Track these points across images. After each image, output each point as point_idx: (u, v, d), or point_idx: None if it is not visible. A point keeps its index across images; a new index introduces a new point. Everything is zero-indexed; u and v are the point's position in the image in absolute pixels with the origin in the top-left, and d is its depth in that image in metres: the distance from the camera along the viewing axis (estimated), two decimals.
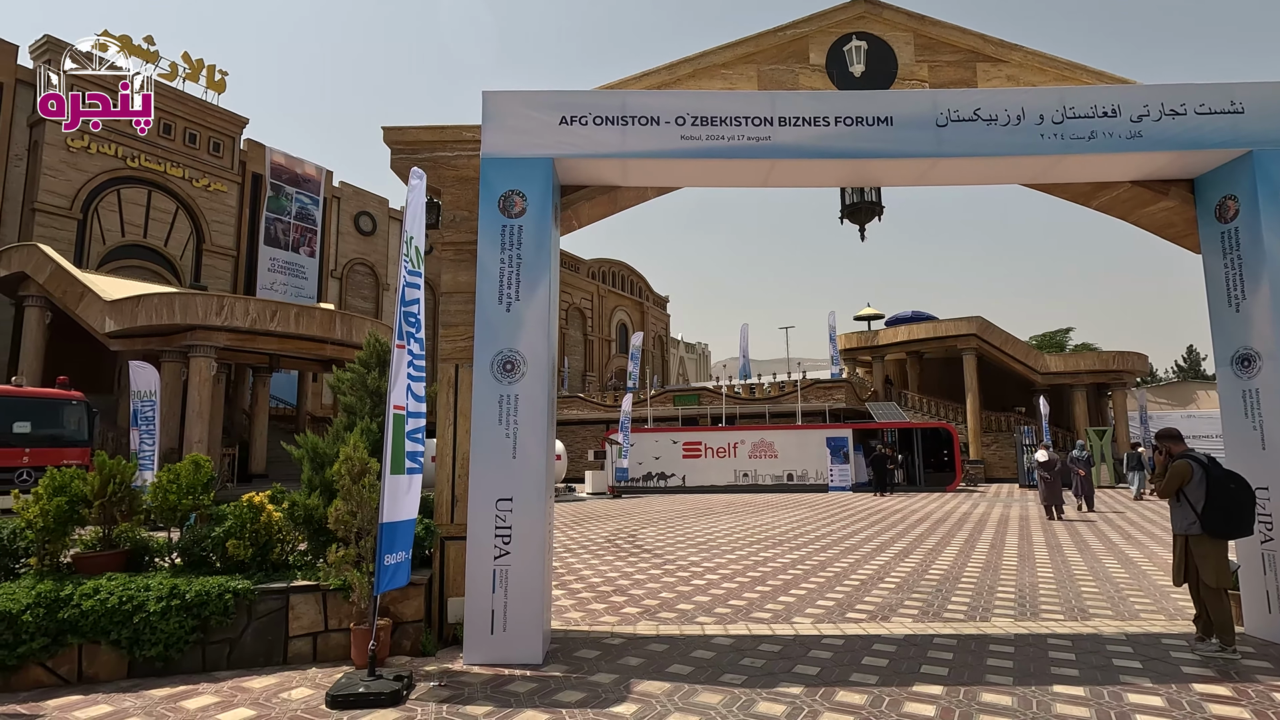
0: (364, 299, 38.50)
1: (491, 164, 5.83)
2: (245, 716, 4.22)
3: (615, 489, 24.39)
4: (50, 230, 25.28)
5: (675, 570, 9.19)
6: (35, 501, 5.18)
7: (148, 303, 19.36)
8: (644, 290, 60.03)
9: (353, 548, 5.17)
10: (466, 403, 6.06)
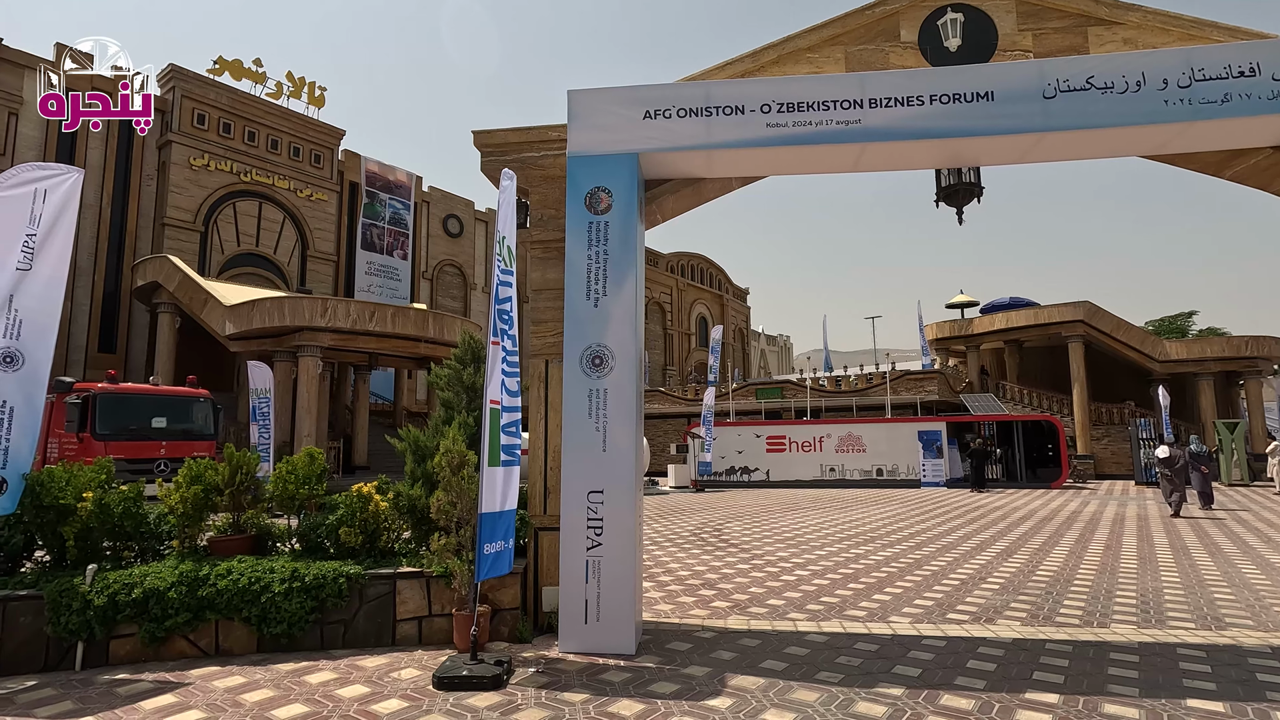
0: (453, 298, 40.05)
1: (577, 162, 5.92)
2: (361, 693, 4.49)
3: (698, 483, 24.35)
4: (177, 242, 27.66)
5: (763, 565, 9.09)
6: (176, 490, 5.70)
7: (261, 306, 20.87)
8: (723, 283, 59.51)
9: (453, 536, 5.39)
10: (557, 397, 6.20)
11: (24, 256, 5.35)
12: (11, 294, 5.24)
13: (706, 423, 23.92)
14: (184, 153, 28.31)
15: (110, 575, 5.14)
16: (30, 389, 5.33)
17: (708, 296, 56.97)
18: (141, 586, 5.08)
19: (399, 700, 4.36)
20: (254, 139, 30.82)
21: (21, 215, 5.36)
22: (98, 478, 5.68)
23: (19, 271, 5.33)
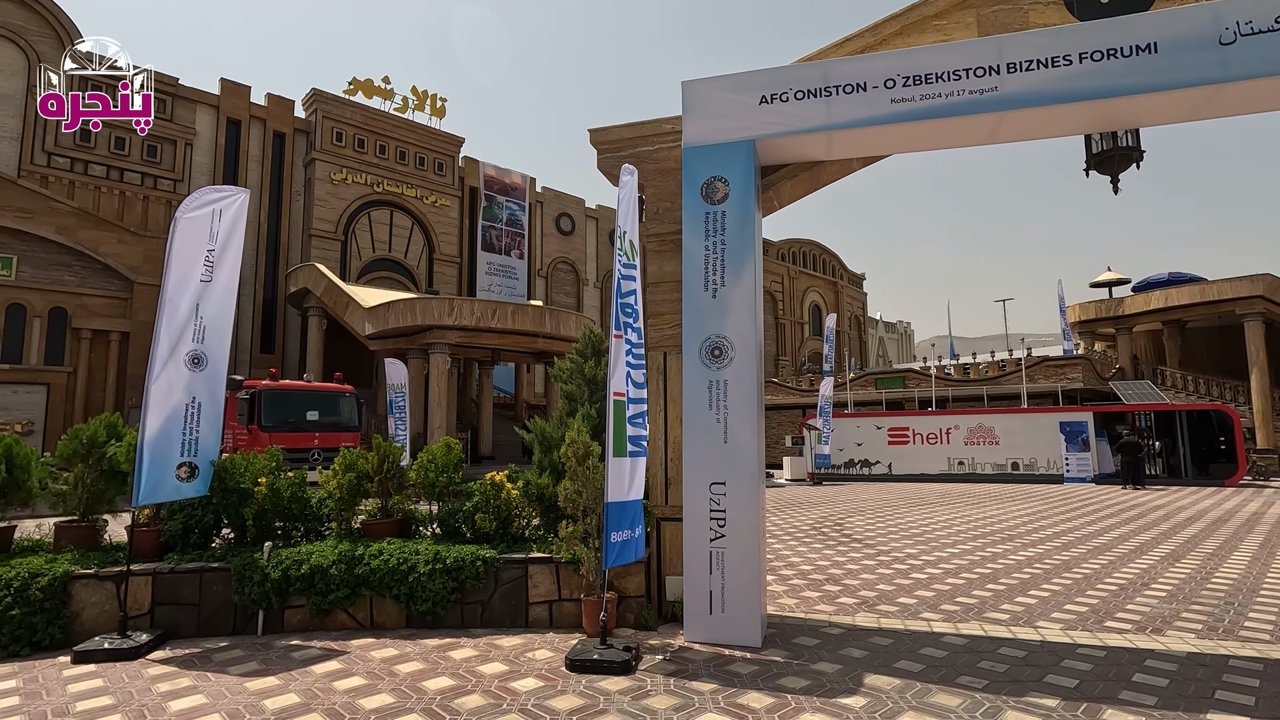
0: (566, 294, 41.27)
1: (693, 152, 5.90)
2: (500, 670, 4.75)
3: (815, 476, 23.73)
4: (322, 251, 30.31)
5: (890, 562, 8.71)
6: (333, 476, 6.27)
7: (395, 308, 22.48)
8: (837, 269, 57.45)
9: (580, 524, 5.57)
10: (675, 389, 6.24)
11: (206, 269, 6.06)
12: (197, 303, 5.95)
13: (824, 414, 23.24)
14: (325, 169, 30.94)
15: (283, 552, 5.74)
16: (214, 386, 6.03)
17: (821, 284, 55.21)
18: (308, 563, 5.63)
19: (535, 679, 4.57)
20: (384, 152, 33.15)
21: (203, 233, 6.07)
22: (269, 465, 6.35)
23: (202, 283, 6.03)
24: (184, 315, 5.85)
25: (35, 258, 22.33)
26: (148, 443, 5.57)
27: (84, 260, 23.17)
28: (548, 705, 4.13)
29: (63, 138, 24.85)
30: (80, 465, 6.13)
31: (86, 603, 5.48)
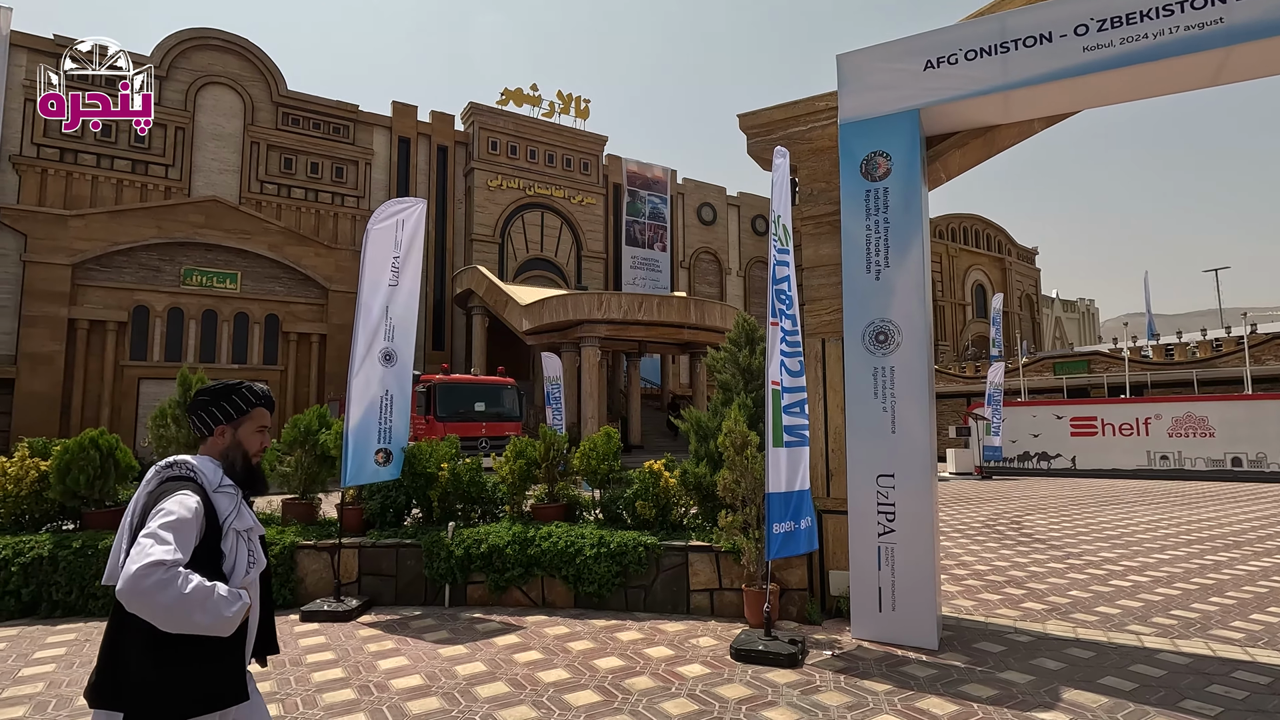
0: (709, 284, 41.21)
1: (850, 128, 5.62)
2: (666, 654, 4.85)
3: (983, 469, 21.93)
4: (482, 254, 32.56)
5: (1083, 566, 7.84)
6: (505, 463, 6.72)
7: (549, 304, 23.65)
8: (1004, 244, 52.47)
9: (739, 514, 5.53)
10: (835, 376, 6.01)
11: (393, 274, 6.70)
12: (387, 305, 6.60)
13: (993, 402, 21.39)
14: (483, 177, 33.16)
15: (464, 531, 6.25)
16: (402, 380, 6.67)
17: (985, 261, 50.73)
18: (486, 543, 6.08)
19: (701, 666, 4.61)
20: (534, 156, 34.91)
21: (389, 242, 6.72)
22: (450, 452, 6.93)
23: (390, 287, 6.68)
24: (376, 316, 6.52)
25: (253, 272, 25.99)
26: (351, 431, 6.29)
27: (290, 272, 26.60)
28: (716, 693, 4.15)
29: (271, 167, 28.64)
30: (299, 450, 7.06)
31: (309, 570, 6.30)
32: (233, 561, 1.99)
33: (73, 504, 6.65)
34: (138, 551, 1.74)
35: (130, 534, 1.91)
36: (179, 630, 1.76)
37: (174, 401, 6.90)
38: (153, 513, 1.87)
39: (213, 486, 2.04)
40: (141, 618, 1.74)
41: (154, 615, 1.72)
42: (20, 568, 5.98)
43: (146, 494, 1.99)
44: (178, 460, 2.07)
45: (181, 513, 1.85)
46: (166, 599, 1.70)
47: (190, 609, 1.72)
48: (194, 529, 1.87)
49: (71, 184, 24.62)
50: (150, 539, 1.77)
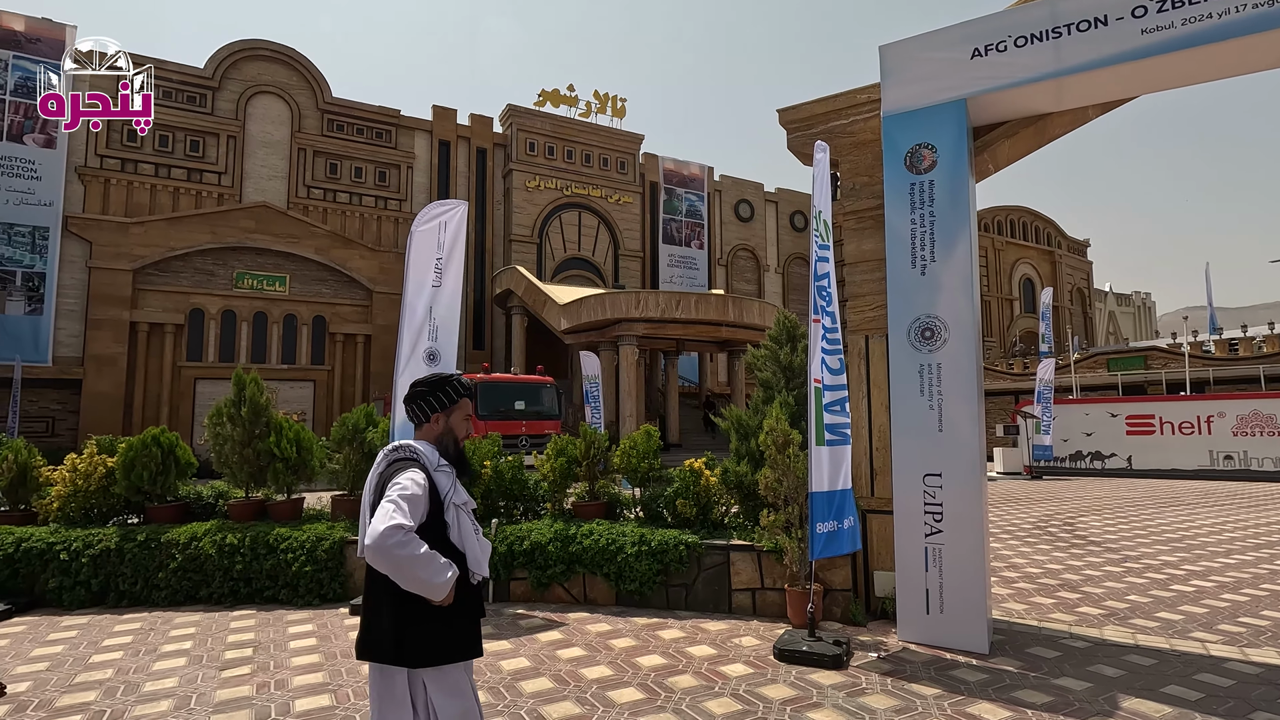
0: (747, 282, 40.90)
1: (894, 120, 5.51)
2: (708, 654, 4.83)
3: (1033, 469, 21.28)
4: (520, 254, 32.91)
5: (1141, 570, 7.54)
6: (546, 461, 6.78)
7: (587, 303, 23.77)
8: (1054, 236, 50.81)
9: (781, 513, 5.48)
10: (879, 374, 5.90)
11: (436, 275, 6.81)
12: (431, 305, 6.72)
13: (1043, 400, 20.73)
14: (521, 178, 33.51)
15: (507, 529, 6.33)
16: None
17: (1033, 254, 49.21)
18: (529, 539, 6.15)
19: (743, 666, 4.58)
20: (572, 156, 35.12)
21: (432, 243, 6.83)
22: (492, 450, 7.02)
23: (433, 288, 6.80)
24: (420, 317, 6.64)
25: (301, 274, 26.75)
26: (398, 429, 6.41)
27: (335, 275, 27.30)
28: (759, 693, 4.12)
29: (317, 172, 29.43)
30: (348, 448, 7.25)
31: (358, 565, 6.46)
32: (458, 531, 2.32)
33: (137, 499, 6.95)
34: (381, 514, 2.09)
35: (371, 508, 2.29)
36: (406, 585, 2.11)
37: (229, 401, 7.15)
38: (389, 485, 2.21)
39: (433, 466, 2.35)
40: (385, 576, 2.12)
41: (390, 569, 2.08)
42: (90, 559, 6.28)
43: (378, 474, 2.36)
44: (402, 444, 2.42)
45: (413, 488, 2.19)
46: (403, 555, 2.05)
47: (417, 567, 2.07)
48: (423, 502, 2.21)
49: (132, 192, 25.71)
50: (391, 505, 2.11)
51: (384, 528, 2.04)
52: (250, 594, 6.33)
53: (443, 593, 2.14)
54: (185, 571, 6.32)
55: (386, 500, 2.13)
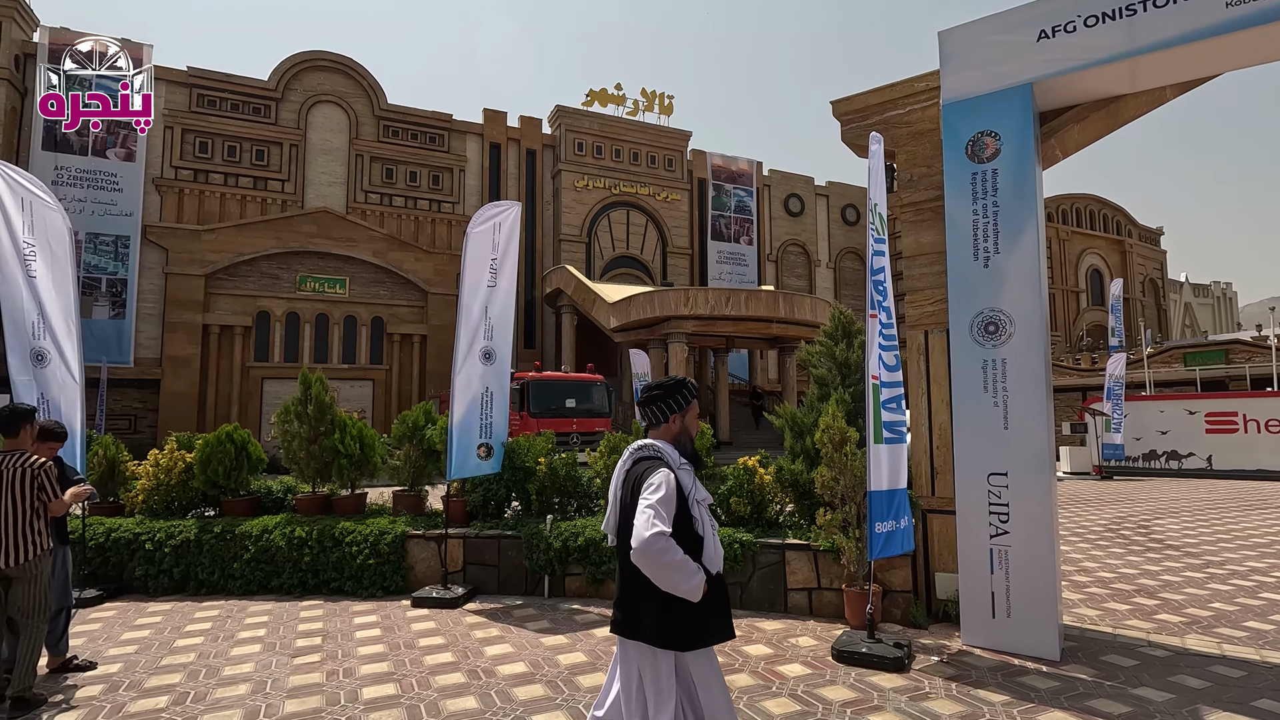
0: (798, 277, 40.30)
1: (954, 109, 5.34)
2: (765, 653, 4.79)
3: (1102, 469, 20.33)
4: (570, 253, 33.22)
5: (1226, 576, 7.12)
6: (600, 458, 6.83)
7: (636, 301, 23.84)
8: (1123, 225, 48.39)
9: (838, 512, 5.38)
10: (940, 370, 5.73)
11: (491, 276, 6.95)
12: (486, 305, 6.85)
13: (1113, 396, 19.79)
14: (570, 178, 33.81)
15: (561, 525, 6.41)
16: (502, 378, 6.91)
17: (1101, 244, 46.98)
18: (583, 536, 6.21)
19: (801, 666, 4.52)
20: (619, 155, 35.24)
21: (487, 244, 6.96)
22: (546, 447, 7.12)
23: (489, 288, 6.93)
24: (476, 316, 6.78)
25: (360, 277, 27.64)
26: (455, 426, 6.57)
27: (393, 277, 28.11)
28: (818, 694, 4.06)
29: (374, 177, 30.34)
30: (407, 445, 7.45)
31: (418, 558, 6.65)
32: (702, 524, 2.48)
33: (213, 492, 7.31)
34: (647, 521, 2.28)
35: (619, 503, 2.56)
36: (665, 587, 2.31)
37: (296, 399, 7.44)
38: (644, 487, 2.39)
39: (675, 464, 2.51)
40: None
41: (653, 572, 2.29)
42: (171, 549, 6.64)
43: (625, 471, 2.59)
44: (646, 443, 2.60)
45: (667, 490, 2.37)
46: (664, 561, 2.25)
47: (674, 572, 2.27)
48: (674, 502, 2.39)
49: (204, 201, 27.00)
50: (651, 511, 2.30)
51: (649, 535, 2.25)
52: (317, 585, 6.58)
53: (697, 594, 2.33)
54: (258, 562, 6.61)
55: (646, 505, 2.33)
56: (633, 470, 2.54)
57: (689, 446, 2.64)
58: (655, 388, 2.70)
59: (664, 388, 2.68)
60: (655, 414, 2.66)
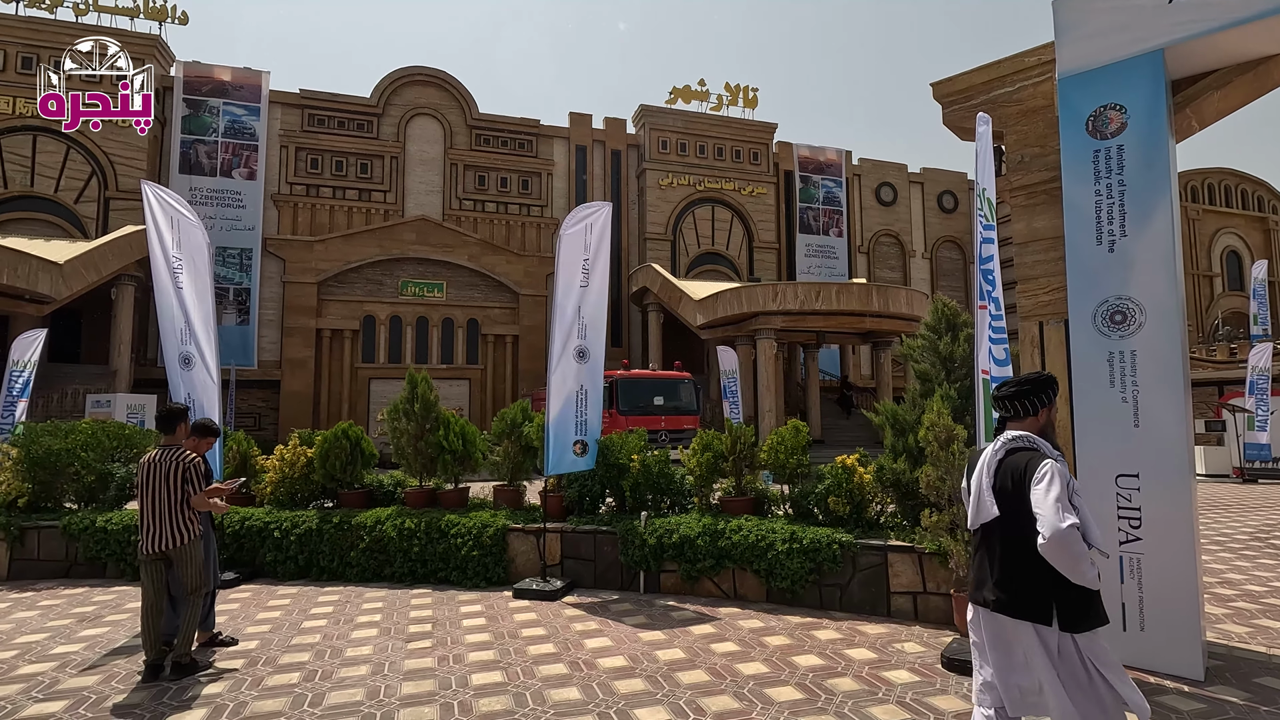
0: (890, 269, 38.77)
1: (1071, 82, 4.97)
2: (868, 657, 4.64)
3: (1244, 471, 18.40)
4: (655, 252, 33.37)
5: None
6: (693, 455, 6.83)
7: (723, 298, 23.66)
8: (1267, 200, 43.52)
9: (946, 513, 5.14)
10: (1056, 363, 5.36)
11: (583, 276, 7.08)
12: (579, 305, 6.99)
13: (1258, 391, 17.86)
14: (655, 176, 33.95)
15: (656, 521, 6.45)
16: (595, 376, 7.03)
17: (1240, 222, 42.47)
18: (678, 533, 6.22)
19: (908, 673, 4.35)
20: (704, 151, 35.06)
21: (579, 245, 7.10)
22: (639, 444, 7.18)
23: (581, 288, 7.06)
24: (570, 316, 6.93)
25: (456, 281, 28.87)
26: (551, 424, 6.74)
27: (486, 280, 29.19)
28: (929, 703, 3.90)
29: (467, 184, 31.59)
30: (506, 441, 7.72)
31: (518, 551, 6.87)
32: (1083, 514, 2.51)
33: (331, 485, 7.84)
34: (1058, 514, 2.37)
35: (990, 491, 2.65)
36: (1070, 577, 2.39)
37: (404, 398, 7.85)
38: (1036, 479, 2.49)
39: (1055, 456, 2.60)
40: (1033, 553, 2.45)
41: (1063, 562, 2.37)
42: (296, 538, 7.16)
43: (998, 461, 2.68)
44: (1019, 435, 2.70)
45: (1063, 481, 2.46)
46: (1077, 552, 2.34)
47: (1081, 562, 2.35)
48: (1070, 492, 2.47)
49: (315, 213, 28.98)
50: (1061, 504, 2.39)
51: (1064, 527, 2.33)
52: (426, 574, 6.92)
53: (1097, 583, 2.43)
54: (372, 552, 7.03)
55: (1051, 497, 2.41)
56: (1007, 461, 2.64)
57: (1054, 439, 2.76)
58: (1024, 382, 2.78)
59: (1032, 383, 2.76)
60: (1023, 407, 2.75)
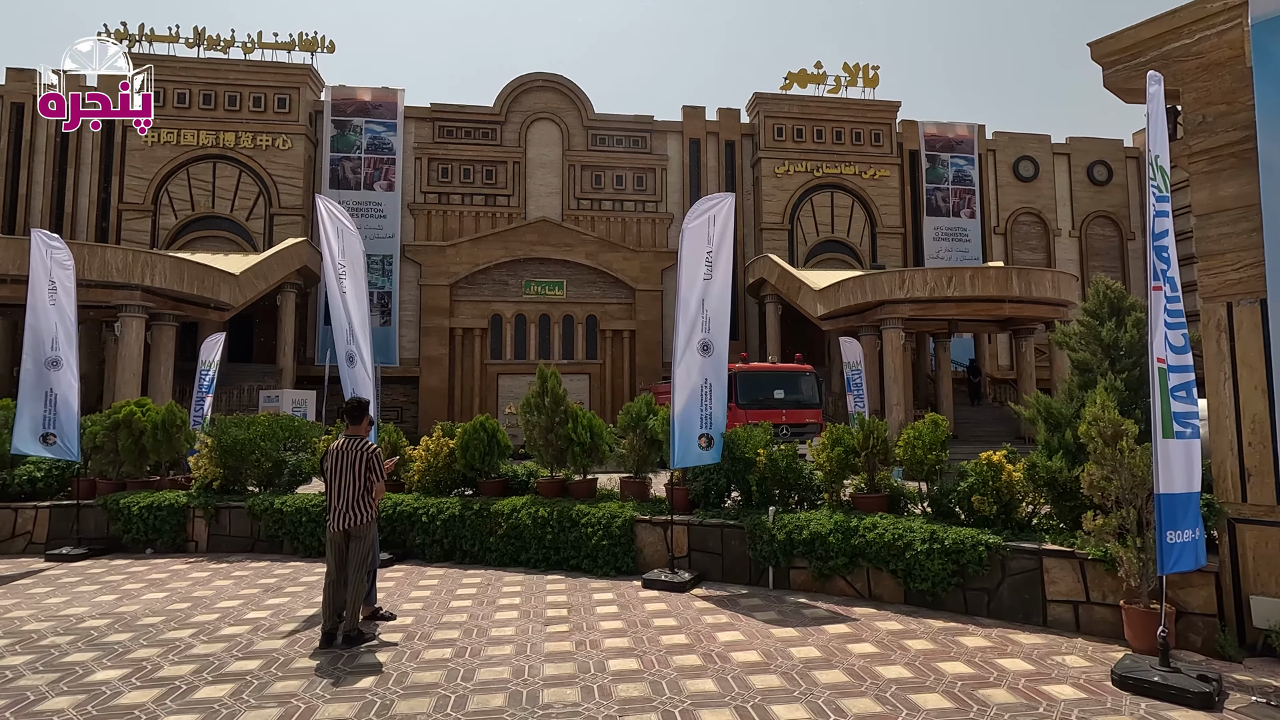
0: (1031, 250, 35.67)
1: (1267, 26, 4.34)
2: (1024, 669, 4.32)
3: None
4: (772, 242, 32.69)
5: None
6: (822, 450, 6.64)
7: (845, 287, 22.80)
8: None
9: (1113, 516, 4.67)
10: (1250, 350, 4.72)
11: (707, 269, 7.06)
12: (703, 298, 6.98)
13: None
14: (770, 165, 33.25)
15: (784, 517, 6.34)
16: (719, 370, 7.00)
17: None
18: (808, 529, 6.08)
19: (1073, 689, 4.01)
20: (821, 136, 33.88)
21: (702, 238, 7.08)
22: (765, 439, 7.08)
23: (705, 281, 7.05)
24: (694, 310, 6.94)
25: (575, 279, 29.77)
26: (676, 417, 6.79)
27: (603, 277, 29.87)
28: None
29: (584, 184, 32.43)
30: (632, 434, 7.87)
31: (645, 542, 7.00)
32: None
33: (471, 474, 8.34)
34: None
35: None
36: None
37: (535, 392, 8.20)
38: None
39: None
40: None
41: None
42: (441, 523, 7.69)
43: None
44: None
45: None
46: None
47: None
48: None
49: (446, 220, 30.88)
50: None
51: None
52: (558, 561, 7.20)
53: None
54: (509, 538, 7.42)
55: None
56: None
57: None
58: None
59: None
60: None
